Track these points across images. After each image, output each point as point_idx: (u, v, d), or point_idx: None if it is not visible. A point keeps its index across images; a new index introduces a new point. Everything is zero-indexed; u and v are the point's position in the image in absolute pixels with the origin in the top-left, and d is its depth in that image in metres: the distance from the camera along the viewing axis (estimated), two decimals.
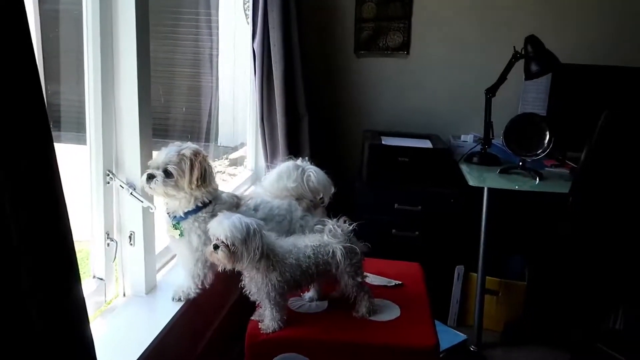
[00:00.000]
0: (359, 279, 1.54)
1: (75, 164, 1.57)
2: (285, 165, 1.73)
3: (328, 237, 1.49)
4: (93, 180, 1.49)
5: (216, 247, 1.36)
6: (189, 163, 1.44)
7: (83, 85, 1.46)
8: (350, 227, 1.51)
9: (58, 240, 0.89)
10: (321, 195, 1.76)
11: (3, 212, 0.76)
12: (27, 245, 0.82)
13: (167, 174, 1.43)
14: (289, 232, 1.65)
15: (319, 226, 1.53)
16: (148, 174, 1.43)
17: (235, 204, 1.62)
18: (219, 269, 1.46)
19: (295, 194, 1.72)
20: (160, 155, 1.46)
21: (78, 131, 1.67)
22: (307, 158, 1.81)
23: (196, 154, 1.46)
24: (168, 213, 1.53)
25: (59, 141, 0.89)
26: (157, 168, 1.44)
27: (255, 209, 1.65)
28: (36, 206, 0.84)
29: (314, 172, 1.71)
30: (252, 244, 1.35)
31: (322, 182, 1.73)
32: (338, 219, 1.52)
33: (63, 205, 0.90)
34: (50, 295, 0.88)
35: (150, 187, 1.44)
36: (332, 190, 1.76)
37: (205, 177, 1.47)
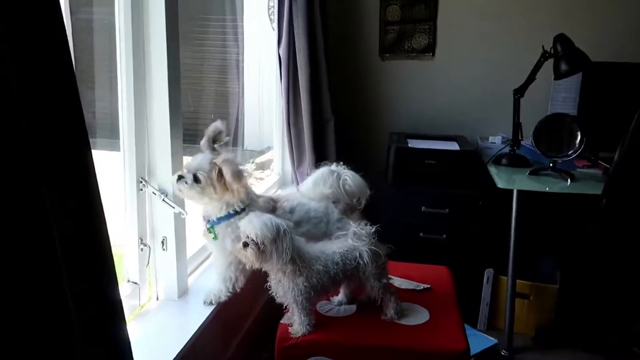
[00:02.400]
0: (385, 281, 1.54)
1: (109, 170, 1.61)
2: (320, 172, 1.75)
3: (353, 240, 1.49)
4: (127, 187, 1.53)
5: (245, 244, 1.38)
6: (217, 173, 1.46)
7: (116, 93, 1.51)
8: (373, 229, 1.52)
9: (97, 245, 0.92)
10: (358, 198, 1.77)
11: (46, 219, 0.79)
12: (68, 249, 0.85)
13: (196, 179, 1.46)
14: (326, 234, 1.66)
15: (342, 232, 1.54)
16: (178, 175, 1.48)
17: (271, 208, 1.63)
18: (247, 266, 1.48)
19: (332, 198, 1.73)
20: (195, 160, 1.50)
21: (111, 138, 1.72)
22: (341, 162, 1.81)
23: (229, 164, 1.48)
24: (203, 217, 1.57)
25: (93, 148, 0.92)
26: (189, 171, 1.47)
27: (291, 211, 1.66)
28: (76, 212, 0.88)
29: (350, 176, 1.73)
30: (281, 244, 1.37)
31: (358, 185, 1.74)
32: (359, 223, 1.52)
33: (101, 211, 0.93)
34: (90, 297, 0.91)
35: (179, 188, 1.48)
36: (368, 192, 1.77)
37: (236, 188, 1.49)
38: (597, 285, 2.54)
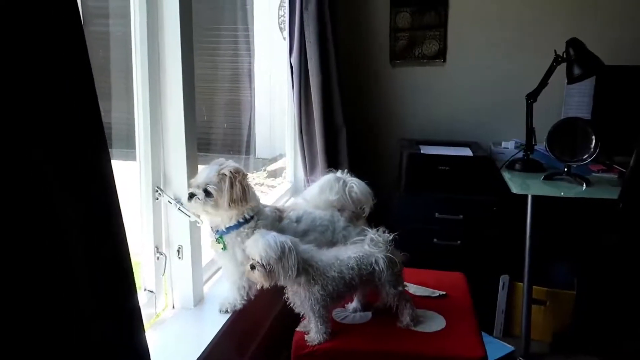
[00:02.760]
0: (400, 288, 1.54)
1: (125, 179, 1.63)
2: (326, 178, 1.75)
3: (369, 246, 1.49)
4: (143, 197, 1.55)
5: (253, 267, 1.40)
6: (228, 182, 1.47)
7: (132, 103, 1.53)
8: (391, 237, 1.51)
9: (117, 254, 0.93)
10: (362, 206, 1.77)
11: (67, 229, 0.80)
12: (89, 259, 0.86)
13: (207, 193, 1.47)
14: (332, 242, 1.67)
15: (359, 238, 1.54)
16: (189, 193, 1.48)
17: (277, 218, 1.64)
18: (258, 286, 1.49)
19: (338, 205, 1.74)
20: (201, 175, 1.50)
21: (127, 147, 1.74)
22: (346, 170, 1.82)
23: (236, 172, 1.50)
24: (211, 227, 1.57)
25: (111, 157, 0.94)
26: (198, 187, 1.48)
27: (298, 220, 1.67)
28: (97, 222, 0.89)
29: (356, 184, 1.73)
30: (287, 262, 1.38)
31: (364, 192, 1.74)
32: (378, 229, 1.52)
33: (121, 221, 0.94)
34: (110, 306, 0.92)
35: (192, 207, 1.49)
36: (373, 200, 1.77)
37: (245, 197, 1.50)
38: (615, 291, 2.51)
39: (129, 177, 1.60)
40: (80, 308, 0.84)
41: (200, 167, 1.58)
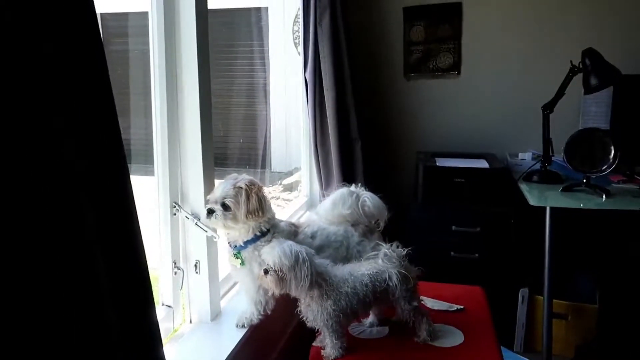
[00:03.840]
0: (415, 304, 1.52)
1: (144, 194, 1.66)
2: (339, 192, 1.76)
3: (383, 261, 1.49)
4: (161, 212, 1.57)
5: (266, 271, 1.41)
6: (244, 195, 1.49)
7: (150, 120, 1.56)
8: (404, 252, 1.51)
9: (136, 269, 0.95)
10: (377, 220, 1.77)
11: (89, 244, 0.82)
12: (109, 273, 0.88)
13: (225, 207, 1.49)
14: (347, 258, 1.67)
15: (374, 253, 1.53)
16: (208, 210, 1.50)
17: (293, 232, 1.65)
18: (269, 293, 1.49)
19: (351, 219, 1.74)
20: (217, 190, 1.52)
21: (145, 163, 1.77)
22: (360, 184, 1.82)
23: (251, 185, 1.51)
24: (229, 243, 1.58)
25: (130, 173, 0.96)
26: (216, 202, 1.50)
27: (313, 236, 1.68)
28: (117, 238, 0.91)
29: (369, 198, 1.73)
30: (300, 271, 1.38)
31: (377, 206, 1.74)
32: (392, 244, 1.52)
33: (139, 236, 0.96)
34: (130, 321, 0.93)
35: (212, 223, 1.50)
36: (387, 214, 1.77)
37: (261, 207, 1.52)
38: (638, 305, 2.45)
39: (147, 192, 1.62)
40: (100, 323, 0.85)
41: (217, 183, 1.60)
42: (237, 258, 1.56)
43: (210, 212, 1.49)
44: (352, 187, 1.77)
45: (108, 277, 0.87)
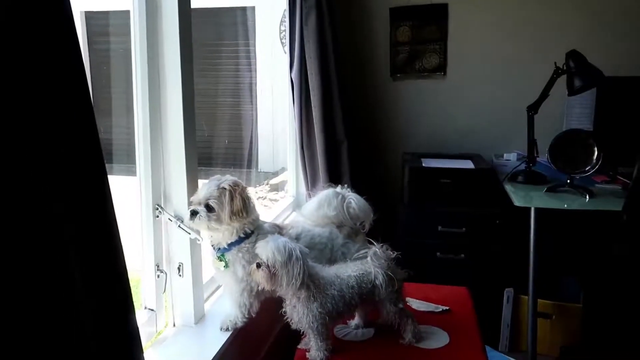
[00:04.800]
0: (400, 305, 1.52)
1: (125, 194, 1.63)
2: (324, 194, 1.74)
3: (372, 259, 1.48)
4: (143, 214, 1.54)
5: (259, 265, 1.39)
6: (228, 196, 1.47)
7: (132, 119, 1.53)
8: (394, 255, 1.50)
9: (114, 272, 0.93)
10: (362, 222, 1.76)
11: (63, 247, 0.80)
12: (85, 277, 0.86)
13: (209, 208, 1.47)
14: (331, 260, 1.66)
15: (364, 251, 1.52)
16: (191, 211, 1.48)
17: (277, 234, 1.63)
18: (259, 288, 1.47)
19: (336, 221, 1.73)
20: (201, 191, 1.50)
21: (128, 163, 1.74)
22: (346, 185, 1.81)
23: (235, 186, 1.49)
24: (212, 245, 1.56)
25: (110, 173, 0.94)
26: (199, 204, 1.47)
27: (297, 237, 1.66)
28: (93, 240, 0.88)
29: (354, 199, 1.72)
30: (292, 269, 1.36)
31: (362, 208, 1.73)
32: (382, 246, 1.51)
33: (118, 238, 0.94)
34: (108, 326, 0.91)
35: (195, 224, 1.48)
36: (372, 216, 1.76)
37: (245, 208, 1.50)
38: (623, 303, 2.47)
39: (129, 193, 1.60)
40: (78, 328, 0.83)
41: (200, 184, 1.58)
42: (220, 261, 1.54)
43: (194, 213, 1.47)
44: (338, 189, 1.76)
45: (84, 281, 0.84)
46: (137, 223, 1.56)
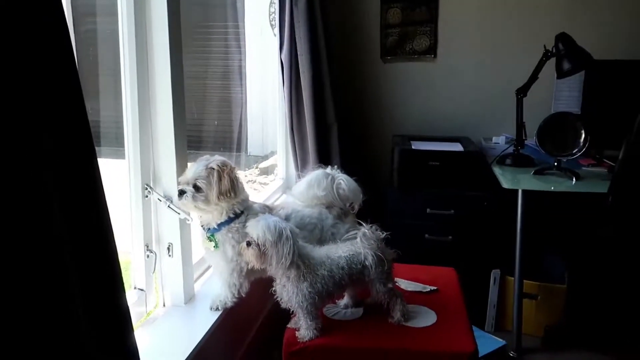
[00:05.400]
0: (390, 285, 1.54)
1: (114, 177, 1.62)
2: (315, 174, 1.75)
3: (362, 240, 1.49)
4: (132, 194, 1.54)
5: (249, 244, 1.40)
6: (216, 176, 1.47)
7: (120, 101, 1.52)
8: (383, 235, 1.51)
9: (104, 253, 0.93)
10: (351, 203, 1.77)
11: (53, 226, 0.80)
12: (76, 257, 0.86)
13: (197, 188, 1.47)
14: (321, 240, 1.67)
15: (354, 232, 1.54)
16: (179, 190, 1.48)
17: (267, 214, 1.64)
18: (249, 266, 1.48)
19: (326, 202, 1.74)
20: (189, 171, 1.50)
21: (116, 146, 1.72)
22: (336, 166, 1.82)
23: (223, 166, 1.49)
24: (202, 226, 1.57)
25: (99, 156, 0.93)
26: (187, 184, 1.48)
27: (287, 218, 1.67)
28: (83, 220, 0.88)
29: (344, 180, 1.73)
30: (282, 248, 1.37)
31: (352, 189, 1.74)
32: (371, 226, 1.52)
33: (108, 219, 0.94)
34: (98, 305, 0.92)
35: (183, 204, 1.48)
36: (362, 197, 1.77)
37: (234, 189, 1.50)
38: (606, 284, 2.53)
39: (118, 176, 1.59)
40: (68, 308, 0.83)
41: (189, 165, 1.57)
42: (210, 241, 1.55)
43: (182, 193, 1.47)
44: (328, 169, 1.77)
45: (74, 261, 0.84)
46: (126, 204, 1.56)
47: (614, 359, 2.32)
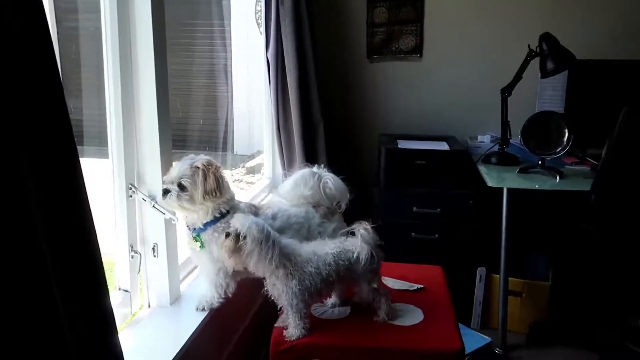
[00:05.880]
0: (375, 285, 1.54)
1: (98, 177, 1.60)
2: (301, 173, 1.74)
3: (361, 235, 1.50)
4: (116, 194, 1.52)
5: (228, 234, 1.39)
6: (201, 175, 1.45)
7: (104, 100, 1.50)
8: (377, 237, 1.52)
9: (87, 254, 0.91)
10: (338, 202, 1.77)
11: (34, 227, 0.78)
12: (57, 259, 0.84)
13: (182, 187, 1.45)
14: (307, 239, 1.66)
15: (348, 228, 1.54)
16: (163, 189, 1.46)
17: (253, 213, 1.63)
18: (225, 257, 1.46)
19: (312, 201, 1.73)
20: (174, 170, 1.48)
21: (99, 145, 1.70)
22: (323, 165, 1.82)
23: (209, 165, 1.48)
24: (188, 226, 1.55)
25: (81, 156, 0.92)
26: (172, 183, 1.45)
27: (274, 217, 1.66)
28: (65, 221, 0.87)
29: (330, 179, 1.73)
30: (266, 250, 1.37)
31: (339, 188, 1.74)
32: (366, 224, 1.52)
33: (90, 219, 0.92)
34: (81, 308, 0.90)
35: (167, 203, 1.46)
36: (348, 196, 1.77)
37: (219, 188, 1.48)
38: (590, 281, 2.56)
39: (102, 175, 1.56)
40: (50, 310, 0.81)
41: (174, 164, 1.55)
42: (196, 241, 1.53)
43: (166, 192, 1.45)
44: (315, 168, 1.77)
45: (56, 262, 0.83)
46: (110, 204, 1.53)
47: (597, 355, 2.35)
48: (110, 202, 1.53)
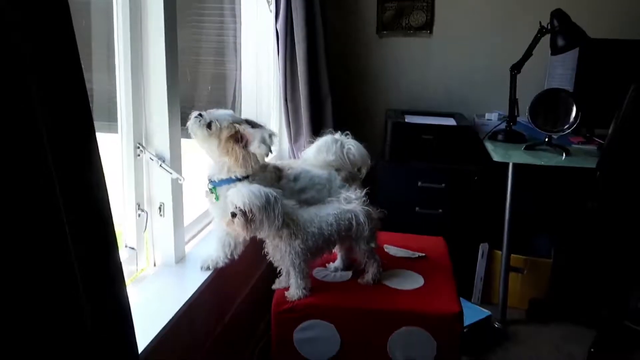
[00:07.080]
0: (372, 245, 1.57)
1: (106, 151, 1.62)
2: (324, 140, 1.76)
3: (343, 204, 1.52)
4: (124, 153, 1.54)
5: (233, 215, 1.40)
6: (229, 136, 1.49)
7: (113, 72, 1.51)
8: (362, 192, 1.54)
9: (98, 210, 0.94)
10: (359, 167, 1.79)
11: (52, 186, 0.80)
12: (71, 215, 0.87)
13: (209, 125, 1.51)
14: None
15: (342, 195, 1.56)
16: (199, 112, 1.52)
17: (276, 178, 1.65)
18: (239, 239, 1.50)
19: (336, 165, 1.75)
20: (217, 110, 1.54)
21: (108, 120, 1.71)
22: (346, 132, 1.83)
23: (243, 138, 1.51)
24: (208, 177, 1.59)
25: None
26: (207, 115, 1.52)
27: (296, 178, 1.69)
28: (79, 178, 0.89)
29: (353, 145, 1.75)
30: (272, 211, 1.39)
31: (361, 154, 1.77)
32: (354, 188, 1.55)
33: (102, 177, 0.94)
34: (92, 260, 0.93)
35: (191, 123, 1.53)
36: (370, 162, 1.79)
37: (236, 159, 1.51)
38: (590, 259, 2.57)
39: (110, 149, 1.58)
40: (65, 264, 0.84)
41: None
42: (212, 193, 1.56)
43: (200, 115, 1.52)
44: (337, 135, 1.78)
45: (68, 216, 0.85)
46: (118, 163, 1.56)
47: (595, 332, 2.37)
48: (118, 160, 1.55)
